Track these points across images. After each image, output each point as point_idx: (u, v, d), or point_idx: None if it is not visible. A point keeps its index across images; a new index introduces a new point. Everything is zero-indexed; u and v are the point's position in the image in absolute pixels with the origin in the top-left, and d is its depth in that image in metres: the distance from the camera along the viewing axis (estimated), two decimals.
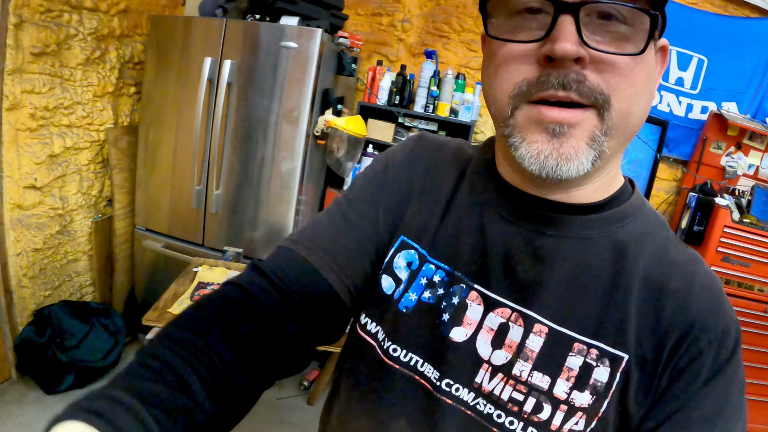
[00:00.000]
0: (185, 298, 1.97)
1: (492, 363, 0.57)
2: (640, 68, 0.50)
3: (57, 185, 2.62)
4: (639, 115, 0.52)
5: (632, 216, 0.59)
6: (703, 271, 0.59)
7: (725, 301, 0.57)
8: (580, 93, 0.48)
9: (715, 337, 0.53)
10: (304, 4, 2.48)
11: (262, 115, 2.48)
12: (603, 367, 0.54)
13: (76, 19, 2.54)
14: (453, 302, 0.59)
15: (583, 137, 0.49)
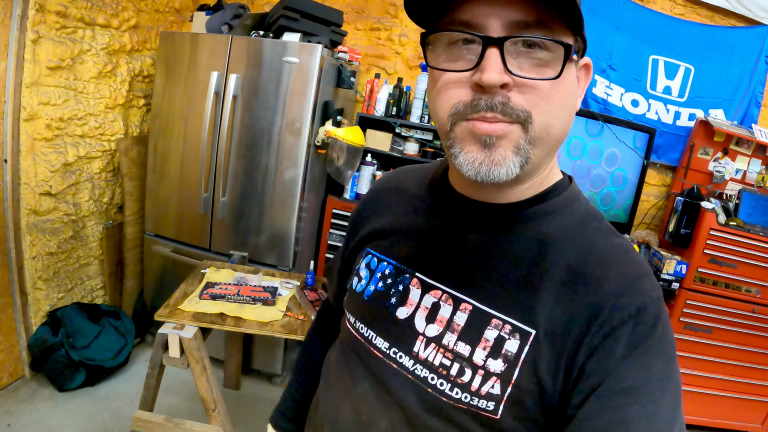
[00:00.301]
0: (194, 296, 2.12)
1: (426, 335, 0.68)
2: (558, 88, 0.59)
3: (70, 192, 2.78)
4: (560, 127, 0.61)
5: (560, 211, 0.68)
6: (624, 257, 0.65)
7: (645, 283, 0.62)
8: (504, 113, 0.57)
9: (629, 315, 0.59)
10: (305, 21, 2.64)
11: (266, 126, 2.63)
12: (514, 339, 0.62)
13: (90, 35, 2.70)
14: (399, 288, 0.73)
15: (510, 146, 0.58)
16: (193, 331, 1.95)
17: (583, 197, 0.72)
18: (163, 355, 2.00)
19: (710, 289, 2.95)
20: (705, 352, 3.03)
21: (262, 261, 2.78)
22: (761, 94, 3.17)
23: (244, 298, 2.12)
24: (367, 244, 0.83)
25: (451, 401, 0.65)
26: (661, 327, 0.60)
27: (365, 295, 0.77)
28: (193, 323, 1.96)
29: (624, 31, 3.11)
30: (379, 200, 0.87)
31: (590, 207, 0.71)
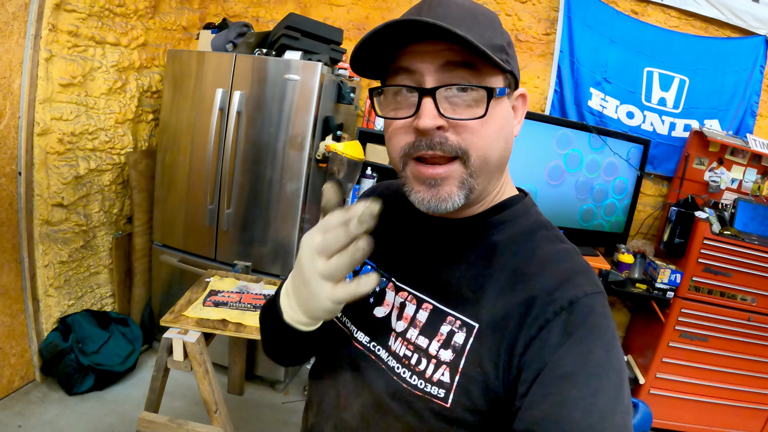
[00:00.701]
0: (198, 303, 2.25)
1: (396, 330, 0.79)
2: (489, 124, 0.69)
3: (82, 204, 2.94)
4: (497, 156, 0.72)
5: (510, 222, 0.78)
6: (564, 259, 0.73)
7: (580, 279, 0.69)
8: (443, 151, 0.68)
9: (561, 308, 0.65)
10: (305, 40, 2.78)
11: (269, 141, 2.78)
12: (461, 332, 0.71)
13: (100, 53, 2.87)
14: (377, 290, 0.84)
15: (454, 183, 0.70)
16: (196, 335, 2.08)
17: (534, 210, 0.82)
18: (168, 359, 2.13)
19: (705, 297, 3.03)
20: (701, 361, 3.10)
21: (266, 270, 2.91)
22: (756, 104, 3.25)
23: (245, 305, 2.26)
24: None
25: (410, 387, 0.73)
26: (595, 318, 0.65)
27: None
28: (197, 328, 2.09)
29: (618, 44, 3.22)
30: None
31: (540, 218, 0.81)
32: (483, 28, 0.68)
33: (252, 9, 3.64)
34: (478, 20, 0.68)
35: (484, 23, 0.69)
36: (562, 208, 3.04)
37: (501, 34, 0.71)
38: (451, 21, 0.64)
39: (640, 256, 3.23)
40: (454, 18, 0.66)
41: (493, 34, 0.69)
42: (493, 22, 0.71)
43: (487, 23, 0.70)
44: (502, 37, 0.71)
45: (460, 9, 0.68)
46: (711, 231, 2.94)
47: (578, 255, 0.75)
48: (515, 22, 3.33)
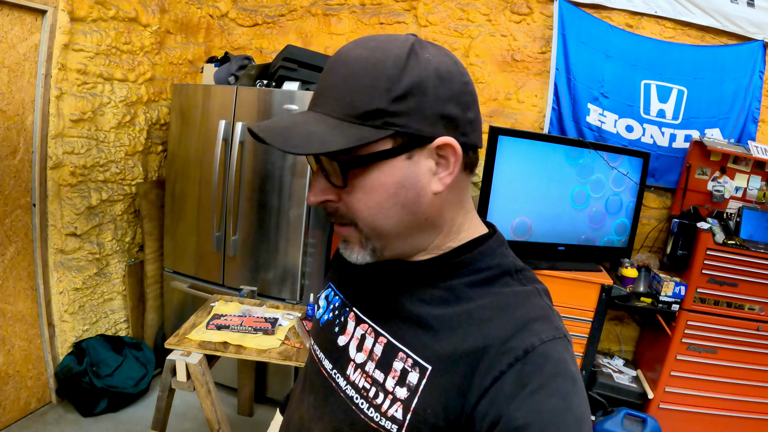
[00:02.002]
0: (201, 326, 2.39)
1: (355, 361, 0.80)
2: (372, 191, 0.69)
3: (95, 233, 3.12)
4: (390, 223, 0.71)
5: (470, 265, 0.76)
6: (522, 304, 0.71)
7: (537, 326, 0.67)
8: (336, 219, 0.73)
9: (515, 359, 0.64)
10: (303, 70, 2.94)
11: (271, 169, 2.92)
12: (414, 372, 0.71)
13: (109, 89, 3.06)
14: (341, 319, 0.87)
15: (355, 243, 0.74)
16: (198, 357, 2.21)
17: (500, 252, 0.79)
18: (172, 380, 2.26)
19: (712, 309, 3.04)
20: (711, 373, 3.11)
21: (271, 295, 3.05)
22: (758, 110, 3.28)
23: (246, 328, 2.38)
24: (330, 279, 0.98)
25: (367, 419, 0.74)
26: (551, 366, 0.63)
27: (320, 322, 0.92)
28: (199, 350, 2.23)
29: (614, 58, 3.30)
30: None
31: (505, 261, 0.78)
32: (357, 94, 0.66)
33: (255, 41, 3.83)
34: (356, 83, 0.66)
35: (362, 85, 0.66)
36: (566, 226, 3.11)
37: (386, 91, 0.65)
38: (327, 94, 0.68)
39: (645, 270, 3.27)
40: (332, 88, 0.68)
41: (369, 96, 0.65)
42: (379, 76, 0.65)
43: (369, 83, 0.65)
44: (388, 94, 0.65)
45: (345, 72, 0.67)
46: (714, 241, 2.97)
47: (538, 297, 0.74)
48: (510, 42, 3.44)
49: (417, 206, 0.71)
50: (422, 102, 0.66)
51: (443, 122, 0.68)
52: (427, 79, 0.66)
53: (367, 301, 0.85)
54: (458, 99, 0.69)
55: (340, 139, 0.64)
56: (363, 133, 0.65)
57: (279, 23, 3.77)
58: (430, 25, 3.52)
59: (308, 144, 0.64)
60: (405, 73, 0.65)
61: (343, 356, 0.83)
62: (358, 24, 3.63)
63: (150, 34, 3.27)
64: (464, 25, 3.48)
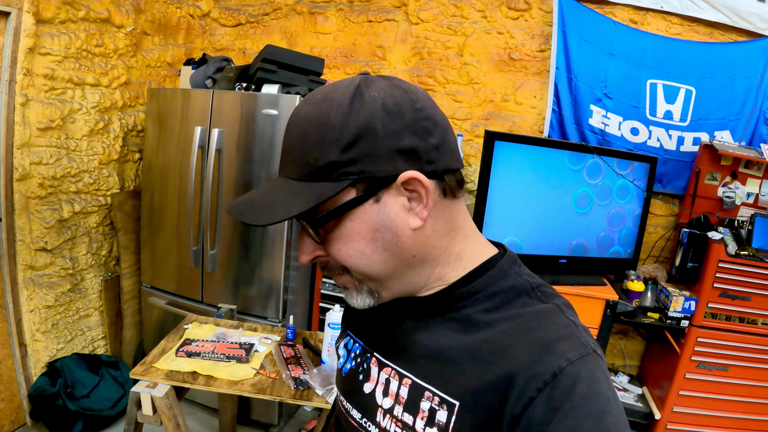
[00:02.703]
0: (171, 353, 2.19)
1: (383, 407, 0.77)
2: (350, 240, 0.69)
3: (67, 247, 2.94)
4: (377, 267, 0.71)
5: (483, 290, 0.73)
6: (543, 324, 0.68)
7: (562, 346, 0.64)
8: (329, 271, 0.74)
9: (544, 384, 0.61)
10: (283, 72, 2.73)
11: (250, 178, 2.73)
12: (442, 410, 0.68)
13: (80, 95, 2.87)
14: (364, 366, 0.84)
15: (353, 288, 0.74)
16: (165, 389, 2.02)
17: (513, 272, 0.76)
18: (138, 413, 2.07)
19: (723, 324, 2.85)
20: (722, 392, 2.92)
21: (252, 313, 2.86)
22: None
23: (218, 356, 2.18)
24: (347, 326, 0.96)
25: None
26: (583, 386, 0.60)
27: (343, 372, 0.89)
28: (166, 381, 2.03)
29: (618, 57, 3.08)
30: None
31: (519, 280, 0.74)
32: (309, 152, 0.66)
33: (239, 41, 3.63)
34: (307, 142, 0.66)
35: (312, 141, 0.65)
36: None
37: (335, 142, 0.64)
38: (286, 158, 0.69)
39: (652, 282, 3.06)
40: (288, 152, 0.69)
41: (320, 151, 0.65)
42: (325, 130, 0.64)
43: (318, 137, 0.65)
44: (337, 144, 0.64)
45: (297, 133, 0.68)
46: (726, 252, 2.77)
47: (558, 314, 0.69)
48: (507, 40, 3.22)
49: (398, 246, 0.70)
50: (373, 143, 0.65)
51: (402, 157, 0.66)
52: (373, 119, 0.64)
53: (386, 344, 0.82)
54: (413, 128, 0.66)
55: (300, 203, 0.65)
56: (321, 190, 0.65)
57: (263, 22, 3.56)
58: (421, 23, 3.30)
59: (273, 213, 0.65)
60: (349, 119, 0.64)
61: (370, 403, 0.80)
62: (345, 22, 3.42)
63: (124, 36, 3.07)
64: (458, 22, 3.26)
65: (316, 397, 2.01)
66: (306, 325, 3.12)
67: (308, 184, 0.66)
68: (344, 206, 0.66)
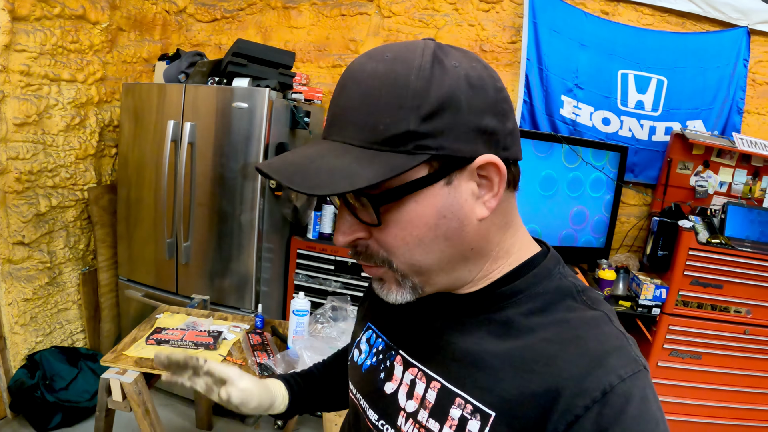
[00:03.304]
0: (141, 341, 2.26)
1: (406, 410, 0.72)
2: (409, 225, 0.61)
3: (45, 241, 3.00)
4: (431, 258, 0.64)
5: (526, 291, 0.67)
6: (593, 333, 0.62)
7: (613, 361, 0.59)
8: (366, 259, 0.66)
9: (592, 401, 0.56)
10: (253, 66, 2.79)
11: (221, 172, 2.79)
12: (475, 420, 0.63)
13: (56, 91, 2.93)
14: (386, 364, 0.79)
15: (390, 282, 0.67)
16: (134, 376, 2.08)
17: (557, 272, 0.71)
18: (108, 399, 2.14)
19: (695, 312, 2.90)
20: (695, 379, 2.96)
21: (227, 304, 2.92)
22: (742, 99, 3.12)
23: (187, 343, 2.25)
24: (369, 318, 0.89)
25: None
26: (634, 407, 0.56)
27: (363, 368, 0.83)
28: (135, 368, 2.10)
29: (589, 47, 3.13)
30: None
31: (564, 282, 0.69)
32: (380, 116, 0.57)
33: (215, 36, 3.70)
34: (377, 103, 0.57)
35: (385, 104, 0.57)
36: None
37: (413, 110, 0.57)
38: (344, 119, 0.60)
39: (624, 271, 3.11)
40: (348, 112, 0.60)
41: (395, 117, 0.57)
42: (402, 94, 0.57)
43: (392, 101, 0.57)
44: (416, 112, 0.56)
45: (361, 90, 0.59)
46: (697, 240, 2.82)
47: (609, 324, 0.64)
48: (479, 32, 3.29)
49: (461, 237, 0.64)
50: (456, 118, 0.58)
51: (482, 138, 0.60)
52: (458, 90, 0.58)
53: (415, 342, 0.76)
54: (494, 108, 0.60)
55: (368, 173, 0.56)
56: (394, 161, 0.57)
57: (238, 18, 3.63)
58: (393, 16, 3.37)
59: (332, 182, 0.55)
60: (432, 85, 0.57)
61: (391, 405, 0.75)
62: (319, 16, 3.49)
63: (100, 32, 3.14)
64: (430, 14, 3.33)
65: None
66: (281, 315, 3.19)
67: (376, 153, 0.57)
68: (413, 184, 0.59)
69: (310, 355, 2.08)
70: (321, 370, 1.14)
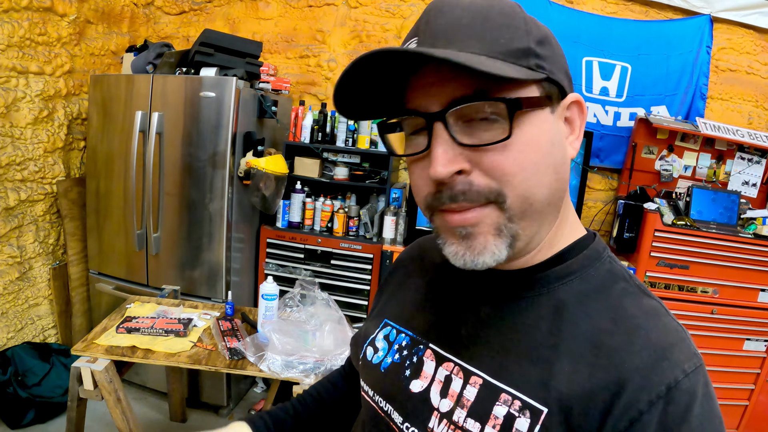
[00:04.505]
0: (112, 330, 2.33)
1: (440, 410, 0.67)
2: (526, 149, 0.58)
3: (14, 235, 3.04)
4: (545, 193, 0.60)
5: (578, 273, 0.65)
6: (654, 324, 0.60)
7: (677, 354, 0.57)
8: (470, 200, 0.58)
9: (657, 397, 0.54)
10: (220, 55, 2.87)
11: (190, 161, 2.86)
12: (524, 418, 0.59)
13: (23, 83, 2.98)
14: (413, 360, 0.74)
15: (489, 231, 0.59)
16: (105, 363, 2.15)
17: (607, 255, 0.69)
18: (80, 388, 2.20)
19: (663, 293, 3.01)
20: None
21: (198, 294, 2.99)
22: (705, 85, 3.26)
23: (157, 330, 2.32)
24: (386, 314, 0.85)
25: None
26: (698, 406, 0.55)
27: (382, 367, 0.78)
28: (105, 356, 2.16)
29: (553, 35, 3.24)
30: (404, 269, 0.91)
31: (615, 266, 0.68)
32: (498, 32, 0.57)
33: (183, 29, 3.77)
34: (491, 22, 0.57)
35: (499, 24, 0.57)
36: None
37: (526, 33, 0.58)
38: (454, 33, 0.57)
39: None
40: (457, 28, 0.57)
41: (512, 35, 0.57)
42: (512, 18, 0.58)
43: (505, 22, 0.57)
44: (528, 36, 0.58)
45: (467, 12, 0.58)
46: (662, 222, 2.94)
47: (667, 315, 0.63)
48: None
49: (564, 172, 0.63)
50: (555, 52, 0.61)
51: (567, 80, 0.63)
52: (548, 35, 0.61)
53: (449, 334, 0.72)
54: (566, 65, 0.65)
55: (511, 71, 0.54)
56: (524, 70, 0.56)
57: (206, 10, 3.70)
58: (360, 6, 3.46)
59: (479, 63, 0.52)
60: (532, 22, 0.60)
61: (420, 406, 0.70)
62: (286, 8, 3.57)
63: (67, 24, 3.19)
64: (396, 5, 3.43)
65: (250, 365, 2.14)
66: (252, 304, 3.27)
67: (502, 62, 0.56)
68: (533, 101, 0.58)
69: (279, 337, 2.15)
70: (304, 405, 1.01)
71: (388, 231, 3.05)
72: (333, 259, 3.14)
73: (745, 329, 3.07)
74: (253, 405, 3.21)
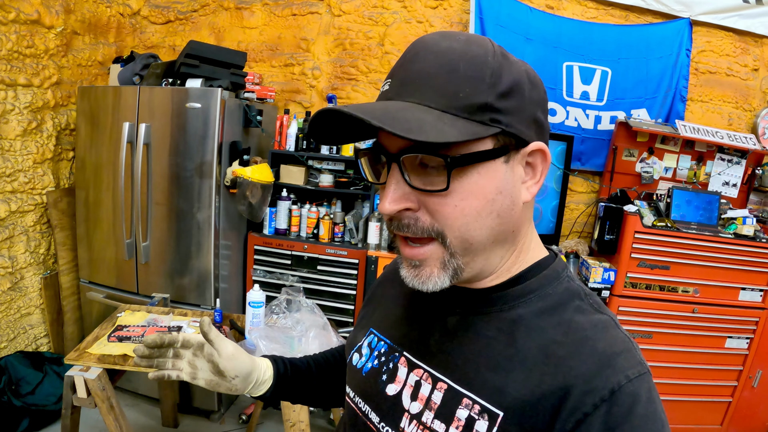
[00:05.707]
0: (103, 339, 2.45)
1: (410, 412, 0.75)
2: (471, 196, 0.65)
3: (5, 246, 3.16)
4: (483, 234, 0.67)
5: (537, 291, 0.73)
6: (602, 336, 0.67)
7: (621, 362, 0.63)
8: (414, 233, 0.67)
9: (601, 400, 0.60)
10: (205, 66, 2.99)
11: (177, 171, 2.99)
12: (483, 420, 0.66)
13: (12, 96, 3.09)
14: (389, 366, 0.83)
15: (435, 264, 0.68)
16: (97, 372, 2.28)
17: (565, 275, 0.76)
18: (73, 396, 2.33)
19: (644, 293, 3.14)
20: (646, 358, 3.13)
21: (187, 301, 3.12)
22: (685, 88, 3.39)
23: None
24: (371, 324, 0.95)
25: None
26: (641, 407, 0.60)
27: (363, 371, 0.87)
28: (98, 365, 2.29)
29: (535, 41, 3.38)
30: (389, 282, 0.99)
31: (572, 285, 0.75)
32: (460, 86, 0.63)
33: (168, 38, 3.89)
34: (456, 74, 0.63)
35: (465, 77, 0.63)
36: None
37: (490, 87, 0.63)
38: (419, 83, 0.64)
39: (573, 256, 3.37)
40: (425, 78, 0.64)
41: (474, 89, 0.63)
42: (480, 70, 0.63)
43: (472, 74, 0.63)
44: (492, 89, 0.63)
45: (439, 61, 0.64)
46: (642, 224, 3.06)
47: (616, 327, 0.70)
48: (427, 28, 3.53)
49: (510, 216, 0.69)
50: (522, 102, 0.66)
51: (534, 127, 0.68)
52: (521, 80, 0.66)
53: (420, 343, 0.80)
54: (543, 106, 0.70)
55: (454, 131, 0.60)
56: (472, 128, 0.62)
57: (192, 19, 3.83)
58: (343, 14, 3.60)
59: (423, 131, 0.59)
60: (504, 70, 0.64)
61: (394, 407, 0.79)
62: (271, 16, 3.70)
63: (55, 36, 3.30)
64: (379, 12, 3.56)
65: None
66: (240, 310, 3.39)
67: (455, 118, 0.62)
68: (482, 155, 0.64)
69: (266, 344, 2.27)
70: (315, 363, 1.15)
71: (373, 236, 3.19)
72: (319, 264, 3.27)
73: (727, 327, 3.19)
74: (243, 409, 3.33)
